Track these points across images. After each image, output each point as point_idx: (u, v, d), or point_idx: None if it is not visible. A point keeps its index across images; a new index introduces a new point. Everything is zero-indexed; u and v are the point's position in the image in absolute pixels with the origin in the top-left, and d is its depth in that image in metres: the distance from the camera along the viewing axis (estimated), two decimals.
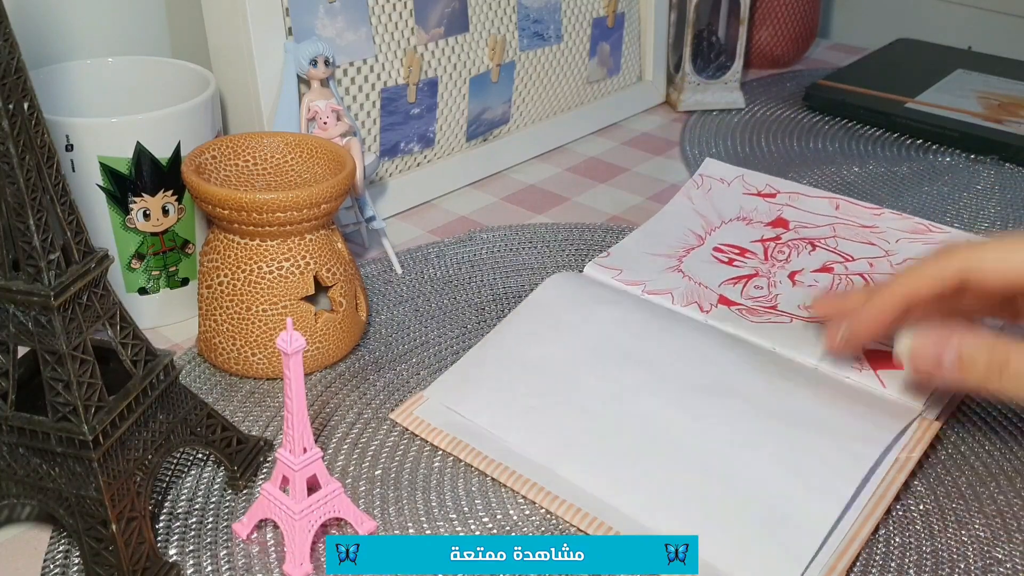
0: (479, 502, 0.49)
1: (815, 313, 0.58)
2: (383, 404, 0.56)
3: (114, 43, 0.73)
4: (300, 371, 0.42)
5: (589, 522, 0.47)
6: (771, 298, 0.61)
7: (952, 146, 0.89)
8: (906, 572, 0.46)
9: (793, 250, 0.65)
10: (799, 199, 0.69)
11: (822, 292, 0.62)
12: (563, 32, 0.86)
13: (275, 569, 0.45)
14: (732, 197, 0.71)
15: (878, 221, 0.66)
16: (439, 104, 0.78)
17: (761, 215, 0.69)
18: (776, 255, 0.65)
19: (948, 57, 1.05)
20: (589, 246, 0.72)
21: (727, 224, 0.69)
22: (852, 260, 0.64)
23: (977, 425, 0.55)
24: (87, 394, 0.40)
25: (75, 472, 0.41)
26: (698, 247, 0.67)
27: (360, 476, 0.51)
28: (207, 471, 0.51)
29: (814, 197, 0.69)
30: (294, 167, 0.60)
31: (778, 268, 0.64)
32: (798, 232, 0.67)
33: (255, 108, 0.67)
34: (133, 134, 0.57)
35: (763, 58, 1.10)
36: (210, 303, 0.56)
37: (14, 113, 0.37)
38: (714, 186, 0.72)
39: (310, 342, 0.57)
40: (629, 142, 0.92)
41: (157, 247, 0.60)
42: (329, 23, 0.69)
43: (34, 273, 0.39)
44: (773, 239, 0.67)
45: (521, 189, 0.82)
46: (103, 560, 0.42)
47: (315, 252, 0.56)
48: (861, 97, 0.96)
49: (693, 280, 0.63)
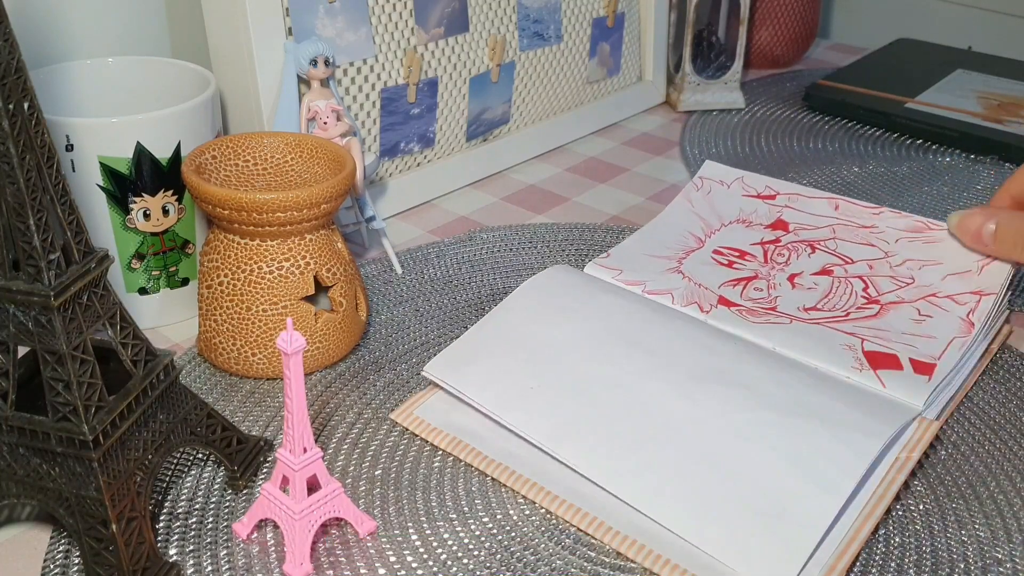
0: (479, 502, 0.49)
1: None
2: (383, 404, 0.56)
3: (114, 43, 0.73)
4: (300, 371, 0.42)
5: (589, 522, 0.47)
6: (771, 300, 0.61)
7: (952, 146, 0.89)
8: (906, 572, 0.46)
9: (792, 252, 0.65)
10: (798, 200, 0.69)
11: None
12: (563, 32, 0.86)
13: (275, 569, 0.45)
14: (732, 199, 0.71)
15: (877, 220, 0.66)
16: (439, 104, 0.78)
17: (761, 217, 0.69)
18: (776, 258, 0.65)
19: (948, 57, 1.05)
20: (589, 246, 0.72)
21: (727, 227, 0.69)
22: (852, 263, 0.64)
23: (977, 425, 0.55)
24: (87, 394, 0.40)
25: (75, 472, 0.41)
26: (698, 249, 0.67)
27: (360, 476, 0.51)
28: (207, 471, 0.51)
29: (813, 198, 0.69)
30: (294, 167, 0.60)
31: (777, 271, 0.64)
32: (798, 234, 0.67)
33: (255, 108, 0.67)
34: (133, 134, 0.57)
35: (763, 58, 1.10)
36: (210, 303, 0.56)
37: (14, 113, 0.37)
38: (714, 188, 0.72)
39: (310, 342, 0.57)
40: (629, 142, 0.92)
41: (157, 247, 0.60)
42: (329, 23, 0.69)
43: (34, 273, 0.39)
44: (772, 241, 0.66)
45: (521, 189, 0.82)
46: (103, 560, 0.42)
47: (315, 252, 0.56)
48: (861, 97, 0.96)
49: (693, 281, 0.63)
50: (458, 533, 0.47)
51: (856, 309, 0.60)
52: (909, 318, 0.59)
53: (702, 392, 0.52)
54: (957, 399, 0.56)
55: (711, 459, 0.48)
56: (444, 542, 0.47)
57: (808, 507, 0.46)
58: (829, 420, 0.50)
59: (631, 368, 0.54)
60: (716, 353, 0.55)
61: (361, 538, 0.47)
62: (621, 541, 0.46)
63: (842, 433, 0.49)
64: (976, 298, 0.59)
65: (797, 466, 0.47)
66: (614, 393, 0.52)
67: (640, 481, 0.48)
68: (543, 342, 0.56)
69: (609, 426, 0.51)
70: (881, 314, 0.59)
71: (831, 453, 0.48)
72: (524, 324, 0.57)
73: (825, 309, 0.60)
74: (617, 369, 0.54)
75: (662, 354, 0.54)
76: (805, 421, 0.50)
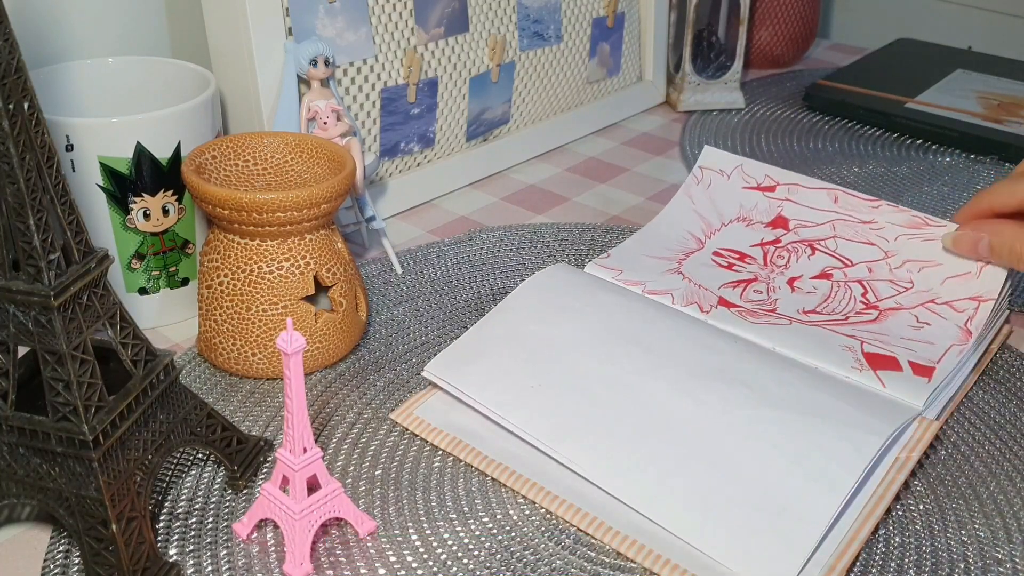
0: (479, 502, 0.49)
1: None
2: (383, 404, 0.56)
3: (114, 43, 0.73)
4: (300, 371, 0.42)
5: (589, 522, 0.47)
6: (770, 302, 0.61)
7: (952, 146, 0.89)
8: (906, 572, 0.46)
9: (792, 254, 0.65)
10: (798, 191, 0.68)
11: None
12: (563, 32, 0.86)
13: (275, 569, 0.45)
14: (732, 193, 0.70)
15: (876, 215, 0.65)
16: (439, 104, 0.78)
17: (761, 214, 0.68)
18: (776, 260, 0.65)
19: (948, 57, 1.05)
20: (589, 246, 0.72)
21: (727, 226, 0.69)
22: (851, 265, 0.64)
23: (976, 425, 0.55)
24: (87, 394, 0.40)
25: (75, 472, 0.41)
26: (698, 251, 0.67)
27: (360, 476, 0.51)
28: (207, 471, 0.51)
29: (813, 188, 0.68)
30: (294, 167, 0.60)
31: (777, 274, 0.64)
32: (798, 233, 0.66)
33: (255, 108, 0.67)
34: (133, 134, 0.57)
35: (763, 58, 1.10)
36: (210, 303, 0.56)
37: (14, 113, 0.37)
38: (714, 180, 0.71)
39: (310, 342, 0.57)
40: (629, 142, 0.92)
41: (157, 247, 0.60)
42: (329, 23, 0.69)
43: (34, 273, 0.39)
44: (773, 242, 0.66)
45: (521, 189, 0.82)
46: (103, 560, 0.42)
47: (315, 252, 0.56)
48: (861, 97, 0.96)
49: (693, 282, 0.63)
50: (458, 533, 0.47)
51: (855, 314, 0.60)
52: (908, 324, 0.59)
53: (703, 390, 0.52)
54: (957, 399, 0.56)
55: (712, 457, 0.48)
56: (444, 542, 0.47)
57: (809, 504, 0.46)
58: (830, 418, 0.50)
59: (631, 367, 0.54)
60: (716, 351, 0.55)
61: (361, 538, 0.47)
62: (621, 541, 0.46)
63: (843, 431, 0.49)
64: (975, 304, 0.59)
65: (798, 464, 0.47)
66: (614, 392, 0.52)
67: (640, 480, 0.48)
68: (543, 341, 0.56)
69: (610, 424, 0.51)
70: (880, 320, 0.60)
71: (832, 451, 0.48)
72: (524, 323, 0.57)
73: (824, 312, 0.60)
74: (617, 368, 0.54)
75: (662, 353, 0.54)
76: (806, 419, 0.50)
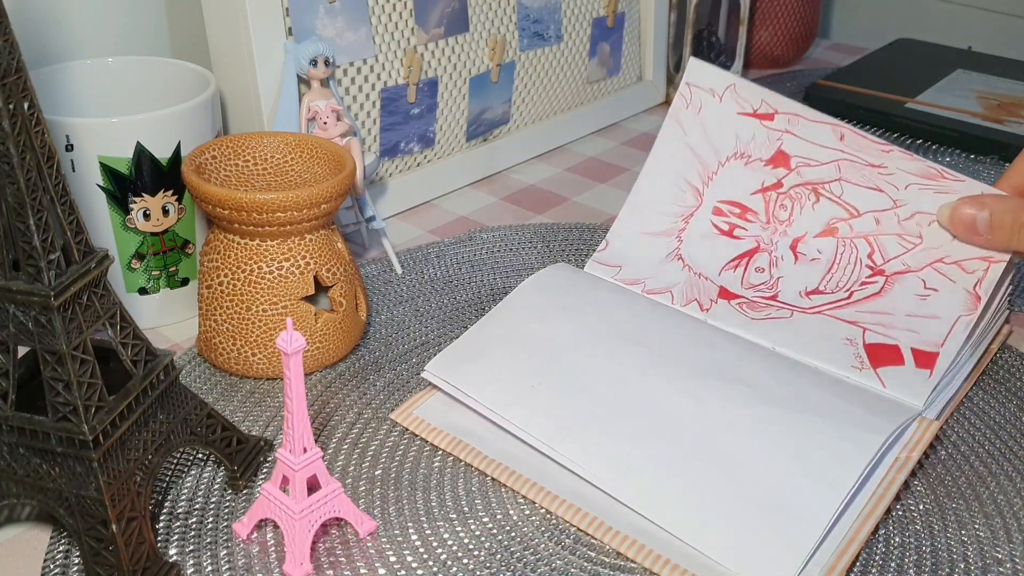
0: (479, 502, 0.49)
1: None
2: (383, 404, 0.56)
3: (114, 43, 0.73)
4: (300, 371, 0.42)
5: (589, 522, 0.47)
6: (773, 283, 0.60)
7: (952, 146, 0.89)
8: (906, 572, 0.46)
9: (796, 202, 0.61)
10: (799, 123, 0.63)
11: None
12: (563, 32, 0.86)
13: (275, 569, 0.45)
14: (726, 119, 0.65)
15: (887, 160, 0.60)
16: (439, 104, 0.78)
17: (759, 148, 0.64)
18: (778, 213, 0.62)
19: (948, 57, 1.05)
20: (589, 246, 0.72)
21: (724, 166, 0.65)
22: (858, 215, 0.60)
23: (977, 425, 0.55)
24: (87, 394, 0.40)
25: (75, 472, 0.41)
26: (697, 208, 0.65)
27: (360, 476, 0.51)
28: (207, 471, 0.51)
29: (816, 122, 0.63)
30: (294, 167, 0.60)
31: (780, 235, 0.61)
32: (800, 174, 0.62)
33: (255, 108, 0.67)
34: (133, 134, 0.57)
35: (763, 58, 1.10)
36: (210, 303, 0.56)
37: (14, 113, 0.37)
38: (704, 102, 0.66)
39: (310, 342, 0.57)
40: (629, 142, 0.92)
41: (157, 247, 0.60)
42: (329, 23, 0.69)
43: (34, 273, 0.39)
44: (774, 186, 0.63)
45: (521, 189, 0.82)
46: (103, 560, 0.42)
47: (315, 252, 0.56)
48: (861, 97, 0.96)
49: (693, 271, 0.62)
50: (458, 533, 0.47)
51: (860, 285, 0.58)
52: (914, 293, 0.57)
53: (703, 389, 0.52)
54: (957, 399, 0.56)
55: (712, 455, 0.48)
56: (444, 542, 0.47)
57: (809, 504, 0.46)
58: (830, 417, 0.50)
59: (632, 365, 0.54)
60: (717, 350, 0.55)
61: (361, 538, 0.47)
62: (621, 541, 0.46)
63: (843, 430, 0.49)
64: (985, 265, 0.56)
65: (798, 462, 0.47)
66: (615, 390, 0.52)
67: (640, 480, 0.48)
68: (543, 340, 0.56)
69: (610, 423, 0.51)
70: (885, 289, 0.58)
71: (832, 449, 0.48)
72: (524, 323, 0.57)
73: (827, 290, 0.59)
74: (618, 366, 0.54)
75: (663, 351, 0.54)
76: (806, 417, 0.50)
